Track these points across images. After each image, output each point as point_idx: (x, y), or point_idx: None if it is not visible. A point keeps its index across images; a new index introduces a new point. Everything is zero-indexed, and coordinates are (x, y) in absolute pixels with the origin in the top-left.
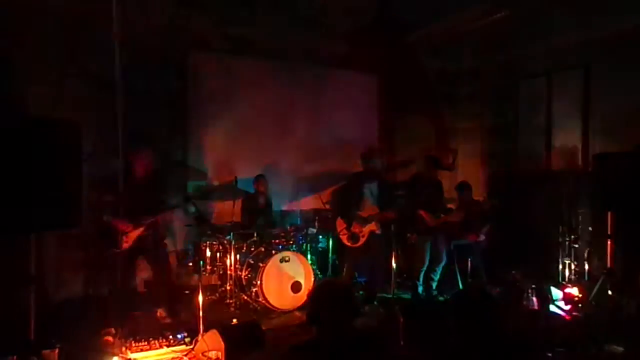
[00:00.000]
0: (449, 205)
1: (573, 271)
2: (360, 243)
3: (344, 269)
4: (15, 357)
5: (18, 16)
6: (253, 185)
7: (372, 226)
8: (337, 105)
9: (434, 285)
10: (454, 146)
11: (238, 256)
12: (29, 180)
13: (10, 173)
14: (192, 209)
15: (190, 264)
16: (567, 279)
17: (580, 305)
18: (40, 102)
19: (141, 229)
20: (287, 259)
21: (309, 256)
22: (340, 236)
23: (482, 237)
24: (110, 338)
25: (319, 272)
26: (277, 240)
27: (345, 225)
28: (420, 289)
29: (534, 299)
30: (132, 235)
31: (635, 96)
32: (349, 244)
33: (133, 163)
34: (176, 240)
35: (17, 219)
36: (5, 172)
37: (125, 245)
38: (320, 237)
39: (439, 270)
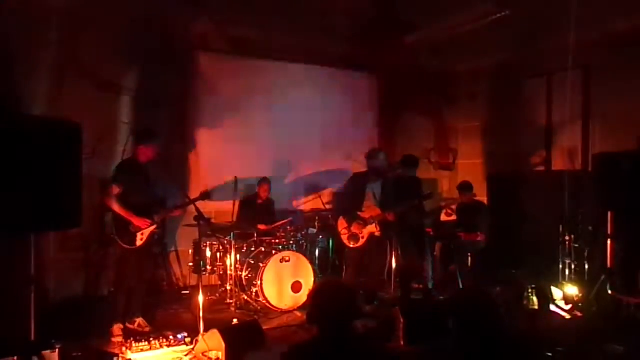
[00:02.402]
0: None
1: (573, 271)
2: (360, 244)
3: (345, 270)
4: (15, 357)
5: (18, 15)
6: (256, 188)
7: (372, 228)
8: (337, 105)
9: (431, 284)
10: (454, 146)
11: (238, 256)
12: (29, 180)
13: (10, 173)
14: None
15: (191, 264)
16: (567, 279)
17: (580, 305)
18: (40, 102)
19: (155, 226)
20: (287, 259)
21: (309, 256)
22: (341, 236)
23: (482, 237)
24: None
25: (319, 272)
26: (277, 241)
27: (346, 225)
28: None
29: (534, 298)
30: (146, 232)
31: (635, 96)
32: (349, 244)
33: (137, 155)
34: (176, 240)
35: (17, 219)
36: (5, 172)
37: (140, 243)
38: (321, 237)
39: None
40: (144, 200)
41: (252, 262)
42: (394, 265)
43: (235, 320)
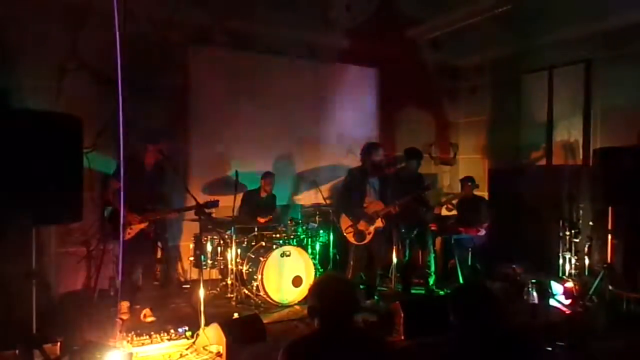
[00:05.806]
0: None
1: (573, 266)
2: (366, 241)
3: (349, 267)
4: (17, 351)
5: (18, 11)
6: (260, 182)
7: (378, 223)
8: (337, 100)
9: (431, 279)
10: (455, 140)
11: (239, 250)
12: (30, 174)
13: (11, 167)
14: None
15: (191, 258)
16: (567, 274)
17: (580, 299)
18: (41, 96)
19: (146, 223)
20: (288, 253)
21: (309, 250)
22: (346, 234)
23: (483, 232)
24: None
25: (319, 267)
26: (278, 235)
27: (350, 223)
28: None
29: (534, 293)
30: (135, 228)
31: (636, 90)
32: (354, 241)
33: (144, 154)
34: (177, 235)
35: (18, 213)
36: (6, 166)
37: (128, 237)
38: (321, 231)
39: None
40: (141, 198)
41: (253, 256)
42: (394, 259)
43: (235, 315)
